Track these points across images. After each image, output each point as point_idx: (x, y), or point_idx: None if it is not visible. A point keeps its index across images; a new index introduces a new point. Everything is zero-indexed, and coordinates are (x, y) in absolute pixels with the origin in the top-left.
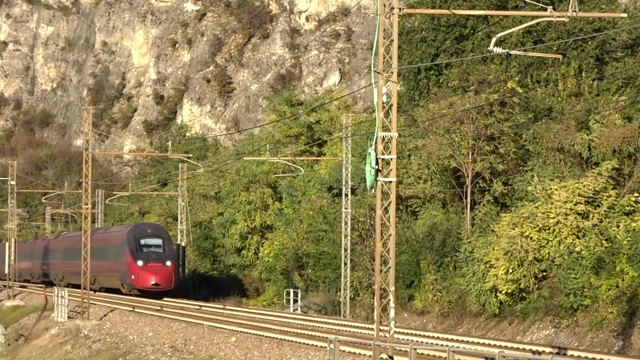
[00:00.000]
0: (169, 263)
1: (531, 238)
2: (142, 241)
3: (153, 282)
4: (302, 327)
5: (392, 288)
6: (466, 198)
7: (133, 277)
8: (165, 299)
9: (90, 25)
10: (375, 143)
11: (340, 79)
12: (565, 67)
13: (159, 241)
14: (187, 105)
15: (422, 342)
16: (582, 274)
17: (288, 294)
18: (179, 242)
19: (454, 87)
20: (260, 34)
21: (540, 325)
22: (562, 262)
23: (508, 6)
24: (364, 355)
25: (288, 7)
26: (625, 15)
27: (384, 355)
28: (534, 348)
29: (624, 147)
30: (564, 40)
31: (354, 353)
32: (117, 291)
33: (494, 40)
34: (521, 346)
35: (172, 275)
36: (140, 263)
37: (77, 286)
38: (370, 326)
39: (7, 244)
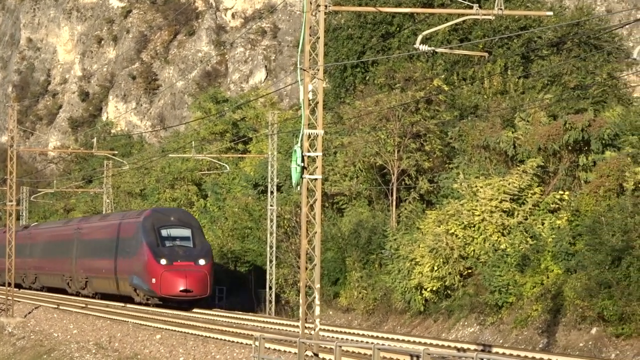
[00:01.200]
0: (202, 262)
1: (456, 235)
2: (164, 232)
3: (182, 288)
4: (228, 324)
5: (318, 285)
6: (392, 195)
7: (154, 280)
8: (195, 310)
9: (16, 22)
10: (301, 140)
11: (266, 76)
12: (491, 65)
13: (186, 232)
14: (112, 102)
15: (347, 339)
16: (507, 272)
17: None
18: None
19: (380, 84)
20: (186, 31)
21: (465, 323)
22: (487, 260)
23: (434, 4)
24: (290, 352)
25: (214, 4)
26: (551, 13)
27: (309, 353)
28: (459, 345)
29: (549, 145)
30: (489, 38)
31: (279, 350)
32: (121, 298)
33: (420, 38)
34: (446, 343)
35: (207, 279)
36: (163, 262)
37: (58, 290)
38: (296, 323)
39: None
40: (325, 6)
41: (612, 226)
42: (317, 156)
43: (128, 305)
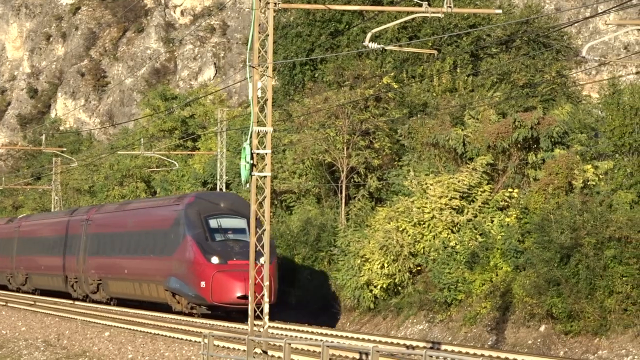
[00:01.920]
0: (263, 260)
1: (406, 232)
2: (214, 222)
3: (240, 294)
4: (177, 322)
5: (267, 283)
6: (341, 193)
7: (203, 284)
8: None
9: None
10: (250, 138)
11: (215, 74)
12: (440, 62)
13: (241, 222)
14: (61, 99)
15: (296, 336)
16: (456, 269)
17: None
18: None
19: (329, 82)
20: (134, 28)
21: (415, 320)
22: (436, 257)
23: (383, 2)
24: (239, 350)
25: (163, 1)
26: (500, 11)
27: (258, 350)
28: (408, 343)
29: (498, 143)
30: (439, 36)
31: (229, 348)
32: (151, 307)
33: (369, 35)
34: (395, 341)
35: (271, 281)
36: (215, 261)
37: (55, 293)
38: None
39: None
40: (275, 3)
41: (561, 224)
42: (266, 154)
43: (77, 303)
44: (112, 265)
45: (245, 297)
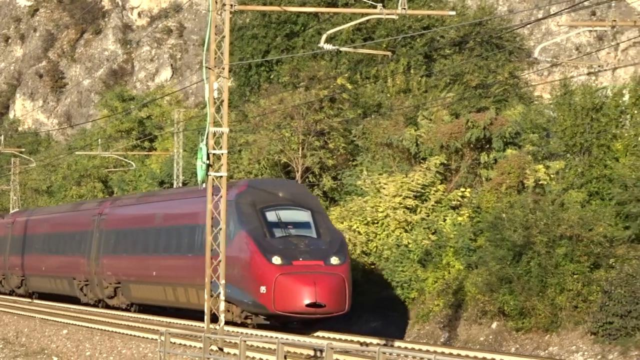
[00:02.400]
0: (335, 260)
1: (359, 232)
2: (271, 215)
3: (309, 301)
4: (134, 320)
5: (223, 281)
6: None
7: (263, 289)
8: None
9: None
10: (207, 138)
11: (172, 75)
12: (395, 64)
13: (304, 215)
14: (19, 100)
15: (252, 334)
16: (409, 267)
17: None
18: None
19: (285, 83)
20: (92, 30)
21: (368, 318)
22: (390, 256)
23: (338, 3)
24: (195, 347)
25: (120, 3)
26: (453, 13)
27: (215, 347)
28: (362, 340)
29: (451, 143)
30: (393, 37)
31: (185, 345)
32: (180, 314)
33: (324, 37)
34: (349, 338)
35: (344, 287)
36: (277, 261)
37: (56, 297)
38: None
39: None
40: (231, 5)
41: (513, 222)
42: (222, 154)
43: (36, 301)
44: (135, 266)
45: (315, 304)
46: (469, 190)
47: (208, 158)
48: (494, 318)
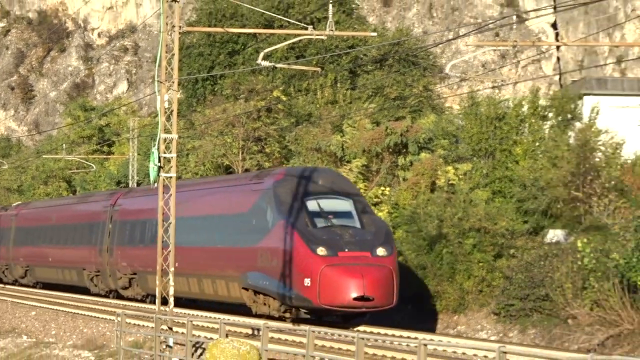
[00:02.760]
0: (382, 251)
1: None
2: (312, 204)
3: (357, 295)
4: (94, 302)
5: (172, 268)
6: None
7: (307, 282)
8: (359, 328)
9: None
10: (158, 143)
11: (128, 88)
12: (323, 78)
13: (345, 204)
14: None
15: (198, 315)
16: None
17: None
18: None
19: (227, 95)
20: (58, 48)
21: None
22: None
23: (274, 25)
24: (147, 327)
25: (82, 25)
26: (375, 34)
27: (165, 327)
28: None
29: (372, 148)
30: (322, 55)
31: (139, 325)
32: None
33: (261, 55)
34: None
35: (392, 279)
36: (321, 252)
37: (61, 287)
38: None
39: None
40: (180, 27)
41: (429, 215)
42: (172, 157)
43: (8, 286)
44: (152, 257)
45: (363, 298)
46: (388, 189)
47: (159, 161)
48: (409, 301)
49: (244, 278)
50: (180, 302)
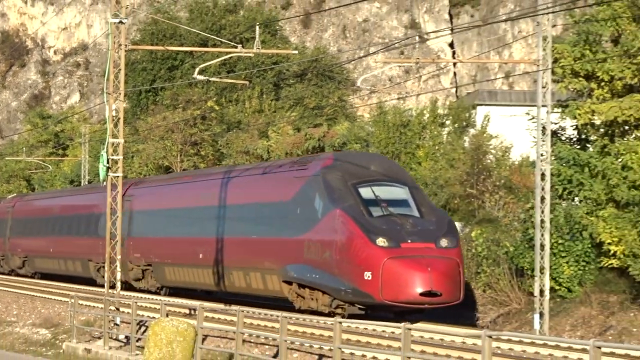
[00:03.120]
0: (446, 243)
1: None
2: (366, 192)
3: (423, 290)
4: (50, 286)
5: (119, 257)
6: None
7: (368, 276)
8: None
9: None
10: (107, 147)
11: (80, 98)
12: (251, 90)
13: (402, 191)
14: None
15: (143, 297)
16: None
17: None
18: None
19: (167, 105)
20: (19, 64)
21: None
22: None
23: (208, 44)
24: (98, 307)
25: (40, 43)
26: (296, 52)
27: (113, 307)
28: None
29: (294, 151)
30: (250, 70)
31: (90, 306)
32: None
33: (197, 69)
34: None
35: (459, 272)
36: (383, 243)
37: (62, 278)
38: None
39: None
40: (125, 45)
41: None
42: (119, 159)
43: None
44: (172, 247)
45: (430, 293)
46: None
47: (108, 162)
48: None
49: (286, 271)
50: (195, 294)
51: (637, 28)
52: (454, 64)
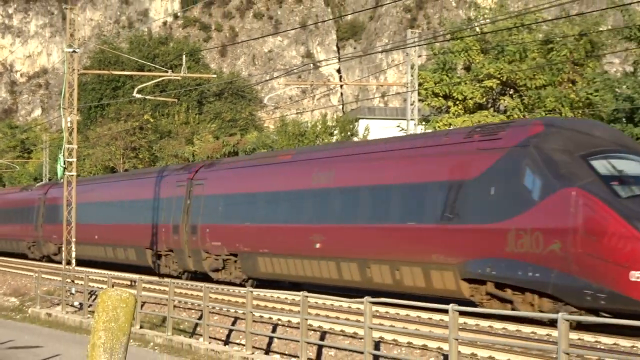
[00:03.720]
0: None
1: None
2: (602, 166)
3: None
4: (20, 263)
5: (74, 239)
6: None
7: (637, 276)
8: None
9: None
10: (63, 151)
11: (42, 112)
12: (179, 106)
13: None
14: None
15: (94, 271)
16: None
17: None
18: None
19: (112, 117)
20: None
21: None
22: None
23: (145, 69)
24: (57, 280)
25: (9, 68)
26: (215, 76)
27: (69, 280)
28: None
29: (213, 155)
30: (178, 90)
31: (51, 279)
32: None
33: (136, 89)
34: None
35: None
36: None
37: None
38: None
39: None
40: (78, 70)
41: None
42: (73, 161)
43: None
44: (273, 236)
45: None
46: None
47: (64, 163)
48: None
49: (469, 266)
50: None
51: (484, 58)
52: (341, 86)
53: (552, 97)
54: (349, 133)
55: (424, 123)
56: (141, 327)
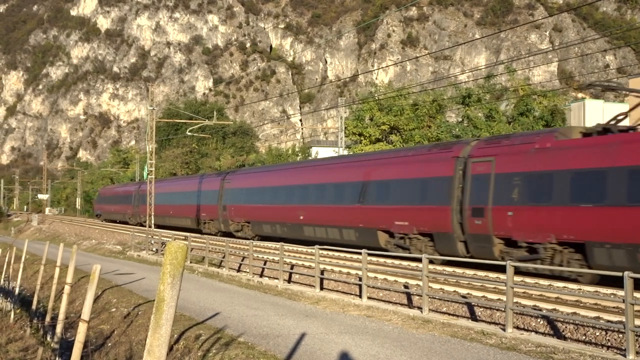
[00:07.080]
0: None
1: None
2: None
3: None
4: (123, 227)
5: (153, 213)
6: None
7: None
8: None
9: None
10: (147, 164)
11: (135, 142)
12: (212, 140)
13: None
14: None
15: (163, 232)
16: None
17: None
18: None
19: (174, 145)
20: (105, 129)
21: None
22: None
23: (193, 119)
24: (143, 235)
25: (117, 117)
26: (232, 122)
27: (150, 235)
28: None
29: (231, 166)
30: (212, 130)
31: (140, 235)
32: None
33: (188, 130)
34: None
35: None
36: None
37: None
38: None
39: None
40: (155, 119)
41: None
42: (152, 170)
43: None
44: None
45: None
46: None
47: (148, 171)
48: None
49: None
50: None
51: (381, 114)
52: (302, 129)
53: (418, 135)
54: (306, 155)
55: (348, 148)
56: (190, 262)
